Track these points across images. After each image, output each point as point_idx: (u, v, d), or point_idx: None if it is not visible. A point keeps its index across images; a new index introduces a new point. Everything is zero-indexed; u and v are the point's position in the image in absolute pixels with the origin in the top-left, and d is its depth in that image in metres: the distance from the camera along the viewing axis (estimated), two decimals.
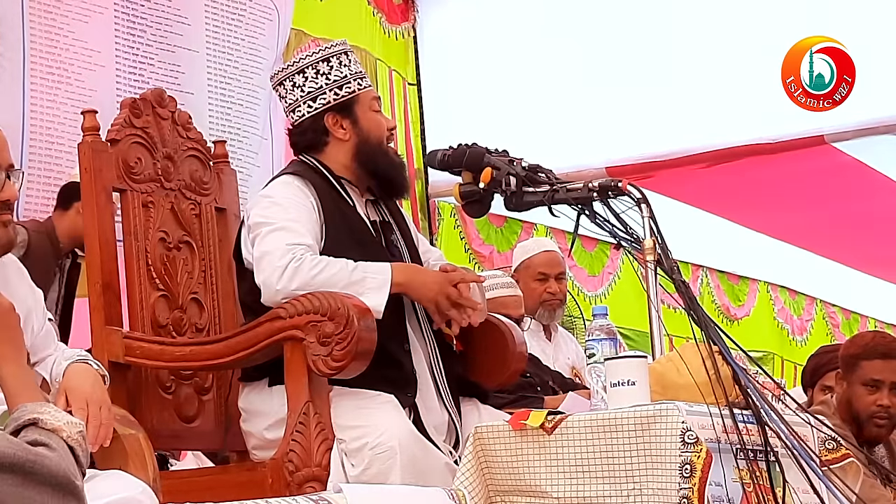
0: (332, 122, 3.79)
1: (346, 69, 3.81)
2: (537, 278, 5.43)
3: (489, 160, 3.63)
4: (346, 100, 3.79)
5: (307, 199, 3.69)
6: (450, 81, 7.02)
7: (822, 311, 10.50)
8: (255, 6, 5.70)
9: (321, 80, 3.79)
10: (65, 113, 4.78)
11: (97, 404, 2.86)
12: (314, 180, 3.74)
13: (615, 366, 3.23)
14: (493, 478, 3.26)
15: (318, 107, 3.79)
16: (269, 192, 3.75)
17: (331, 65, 3.81)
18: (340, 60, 3.82)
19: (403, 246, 3.85)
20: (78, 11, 4.95)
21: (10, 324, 2.05)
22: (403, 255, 3.83)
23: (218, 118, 5.47)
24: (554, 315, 5.49)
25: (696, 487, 2.92)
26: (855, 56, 5.84)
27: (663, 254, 3.34)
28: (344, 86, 3.80)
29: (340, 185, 3.78)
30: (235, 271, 3.82)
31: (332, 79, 3.80)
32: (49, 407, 1.96)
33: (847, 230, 8.23)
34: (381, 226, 3.83)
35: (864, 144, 6.64)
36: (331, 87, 3.79)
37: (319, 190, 3.72)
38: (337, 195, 3.76)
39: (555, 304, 5.45)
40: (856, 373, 4.52)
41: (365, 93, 3.83)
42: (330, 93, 3.79)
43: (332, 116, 3.79)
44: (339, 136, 3.79)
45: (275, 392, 3.59)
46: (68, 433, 1.93)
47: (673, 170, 6.73)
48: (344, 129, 3.79)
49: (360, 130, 3.79)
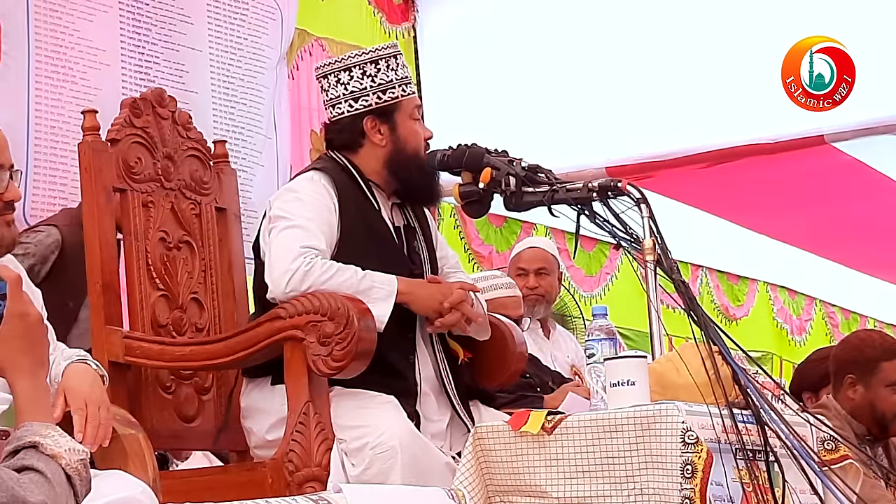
0: (370, 126, 3.77)
1: (392, 73, 3.78)
2: (517, 274, 5.44)
3: (489, 160, 3.64)
4: (387, 105, 3.77)
5: (329, 198, 3.68)
6: (450, 81, 7.01)
7: (821, 312, 10.50)
8: (258, 5, 5.70)
9: (366, 82, 3.77)
10: (69, 112, 4.77)
11: (96, 404, 2.87)
12: (340, 179, 3.73)
13: (615, 366, 3.23)
14: (493, 478, 3.26)
15: (360, 108, 3.77)
16: (294, 185, 3.75)
17: (378, 67, 3.78)
18: (388, 64, 3.79)
19: (425, 252, 3.85)
20: (83, 10, 4.94)
21: (33, 336, 2.00)
22: (424, 261, 3.82)
23: (222, 117, 5.46)
24: (534, 310, 5.45)
25: (698, 488, 2.93)
26: (855, 56, 5.83)
27: (663, 254, 3.34)
28: (388, 90, 3.78)
29: (368, 188, 3.77)
30: (254, 263, 3.80)
31: (377, 82, 3.77)
32: (53, 430, 1.94)
33: (847, 230, 8.23)
34: (404, 230, 3.82)
35: (864, 144, 6.64)
36: (374, 90, 3.77)
37: (344, 190, 3.71)
38: (362, 197, 3.75)
39: (533, 300, 5.42)
40: (877, 375, 4.54)
41: (408, 100, 3.81)
42: (373, 96, 3.77)
43: (372, 120, 3.77)
44: (376, 141, 3.78)
45: (277, 391, 3.59)
46: (67, 461, 1.91)
47: (673, 170, 6.73)
48: (381, 134, 3.77)
49: (398, 139, 3.77)
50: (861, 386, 4.56)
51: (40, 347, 2.01)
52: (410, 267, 3.76)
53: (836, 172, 7.05)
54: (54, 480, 1.87)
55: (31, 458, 1.89)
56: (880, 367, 4.55)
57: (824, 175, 7.06)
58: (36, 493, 1.83)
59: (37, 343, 2.00)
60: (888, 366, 4.54)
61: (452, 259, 4.03)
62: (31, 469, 1.87)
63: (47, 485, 1.86)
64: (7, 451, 1.92)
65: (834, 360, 4.74)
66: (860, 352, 4.65)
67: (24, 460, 1.89)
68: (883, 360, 4.55)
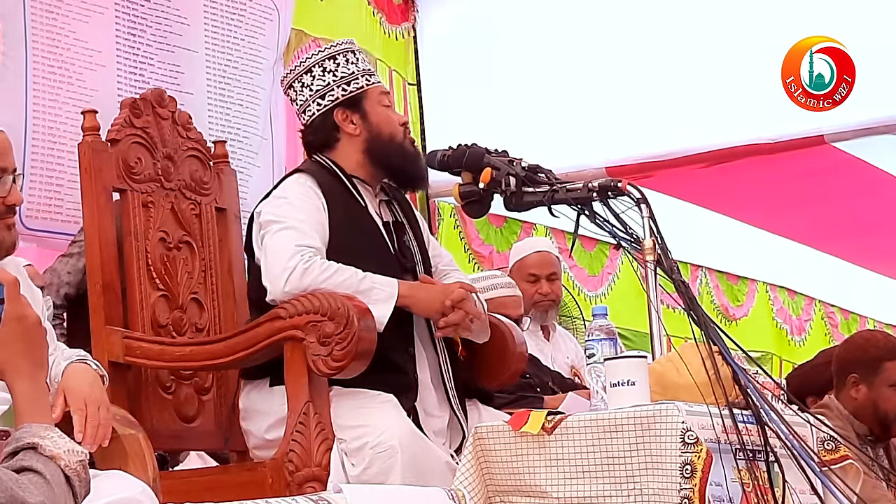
0: (341, 118, 3.79)
1: (353, 66, 3.81)
2: (528, 280, 5.42)
3: (489, 160, 3.64)
4: (354, 95, 3.79)
5: (317, 198, 3.69)
6: (450, 81, 7.01)
7: (820, 312, 10.49)
8: (255, 6, 5.69)
9: (328, 77, 3.79)
10: (66, 113, 4.77)
11: (95, 404, 2.86)
12: (324, 179, 3.74)
13: (615, 366, 3.23)
14: (493, 478, 3.26)
15: (328, 103, 3.79)
16: (280, 190, 3.75)
17: (337, 62, 3.81)
18: (347, 58, 3.82)
19: (416, 247, 3.85)
20: (79, 11, 4.94)
21: (32, 338, 2.01)
22: (415, 256, 3.82)
23: (218, 118, 5.46)
24: (546, 316, 5.47)
25: (697, 488, 2.92)
26: (855, 56, 5.84)
27: (663, 254, 3.34)
28: (352, 82, 3.80)
29: (352, 185, 3.77)
30: (247, 267, 3.80)
31: (339, 75, 3.80)
32: (52, 431, 1.94)
33: (847, 226, 8.23)
34: (393, 227, 3.82)
35: (864, 144, 6.64)
36: (338, 83, 3.79)
37: (329, 189, 3.72)
38: (348, 195, 3.75)
39: (546, 305, 5.44)
40: (881, 375, 4.55)
41: (373, 88, 3.83)
42: (338, 89, 3.79)
43: (342, 112, 3.79)
44: (350, 132, 3.79)
45: (276, 392, 3.59)
46: (66, 462, 1.91)
47: (673, 170, 6.73)
48: (354, 123, 3.79)
49: (370, 125, 3.79)
50: (864, 385, 4.56)
51: (39, 350, 2.02)
52: (401, 261, 3.76)
53: (837, 170, 7.05)
54: (53, 481, 1.87)
55: (31, 459, 1.89)
56: (884, 366, 4.55)
57: (824, 173, 7.06)
58: (35, 494, 1.83)
59: (35, 345, 2.01)
60: (892, 365, 4.55)
61: (446, 258, 4.03)
62: (30, 470, 1.87)
63: (46, 486, 1.86)
64: (6, 453, 1.92)
65: (837, 359, 4.73)
66: (864, 351, 4.65)
67: (24, 461, 1.89)
68: (887, 359, 4.56)
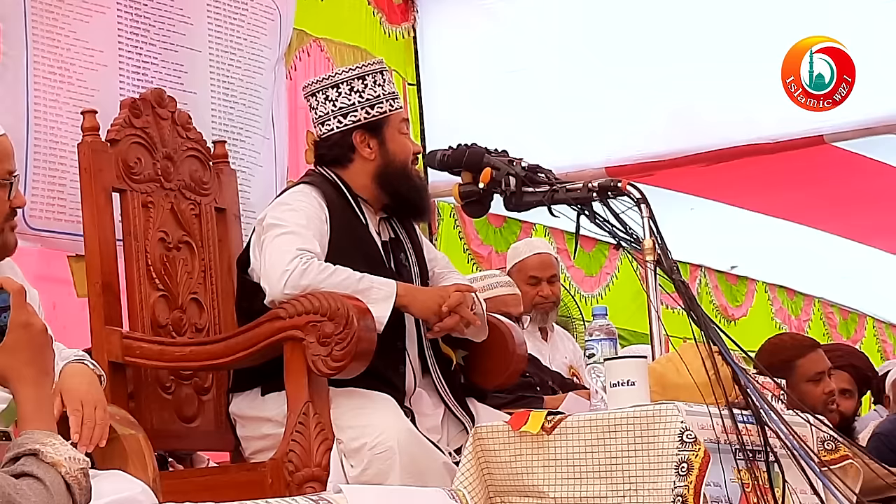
0: (359, 141, 3.80)
1: (380, 88, 3.82)
2: (529, 282, 5.42)
3: (489, 160, 3.64)
4: (376, 119, 3.81)
5: (321, 210, 3.71)
6: (450, 81, 7.00)
7: (819, 312, 10.49)
8: (256, 6, 5.69)
9: (354, 98, 3.81)
10: (67, 113, 4.76)
11: (92, 405, 2.86)
12: (329, 193, 3.76)
13: (615, 366, 3.23)
14: (493, 478, 3.26)
15: (349, 123, 3.81)
16: (285, 198, 3.78)
17: (366, 83, 3.82)
18: (375, 80, 3.83)
19: (414, 263, 3.86)
20: (80, 11, 4.93)
21: (38, 346, 2.01)
22: (412, 273, 3.84)
23: (220, 118, 5.45)
24: (547, 318, 5.48)
25: (692, 485, 2.92)
26: (855, 56, 5.84)
27: (663, 254, 3.34)
28: (376, 105, 3.81)
29: (356, 203, 3.79)
30: (236, 280, 3.82)
31: (365, 97, 3.81)
32: (54, 438, 1.94)
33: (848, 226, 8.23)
34: (391, 244, 3.84)
35: (864, 144, 6.64)
36: (363, 105, 3.80)
37: (333, 204, 3.74)
38: (351, 212, 3.77)
39: (547, 307, 5.45)
40: (795, 374, 4.62)
41: (395, 114, 3.84)
42: (362, 111, 3.80)
43: (361, 135, 3.80)
44: (365, 156, 3.80)
45: (268, 400, 3.60)
46: (67, 469, 1.90)
47: (673, 170, 6.73)
48: (370, 148, 3.80)
49: (386, 152, 3.80)
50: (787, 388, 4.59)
51: (45, 357, 2.02)
52: (397, 280, 3.76)
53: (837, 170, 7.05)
54: (53, 488, 1.86)
55: (31, 465, 1.89)
56: (796, 364, 4.62)
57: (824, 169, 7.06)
58: (33, 500, 1.82)
59: (41, 353, 2.01)
60: (803, 362, 4.64)
61: (442, 261, 4.04)
62: (30, 476, 1.86)
63: (45, 492, 1.85)
64: (7, 458, 1.92)
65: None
66: (773, 355, 4.68)
67: (24, 467, 1.88)
68: (796, 357, 4.64)
